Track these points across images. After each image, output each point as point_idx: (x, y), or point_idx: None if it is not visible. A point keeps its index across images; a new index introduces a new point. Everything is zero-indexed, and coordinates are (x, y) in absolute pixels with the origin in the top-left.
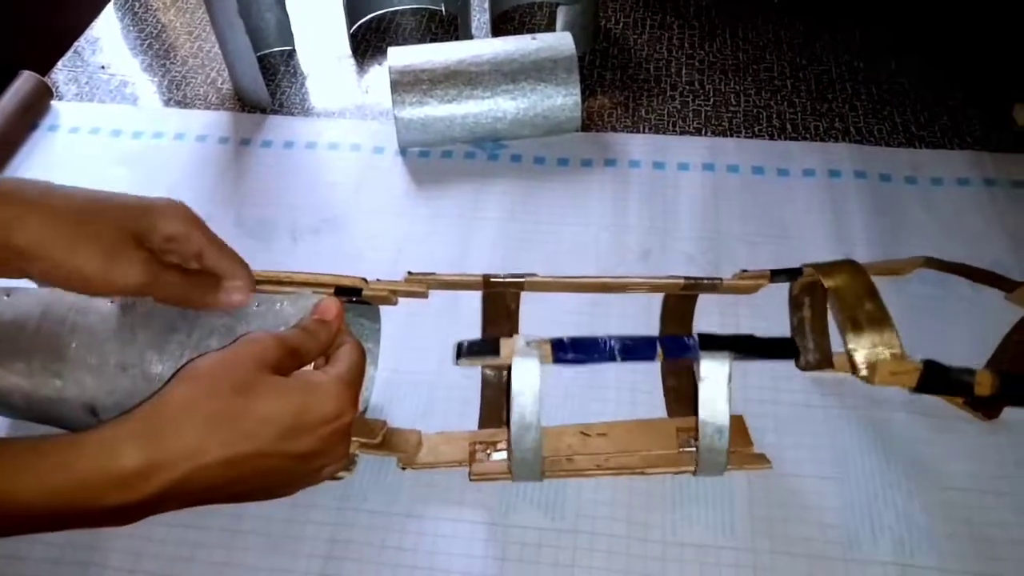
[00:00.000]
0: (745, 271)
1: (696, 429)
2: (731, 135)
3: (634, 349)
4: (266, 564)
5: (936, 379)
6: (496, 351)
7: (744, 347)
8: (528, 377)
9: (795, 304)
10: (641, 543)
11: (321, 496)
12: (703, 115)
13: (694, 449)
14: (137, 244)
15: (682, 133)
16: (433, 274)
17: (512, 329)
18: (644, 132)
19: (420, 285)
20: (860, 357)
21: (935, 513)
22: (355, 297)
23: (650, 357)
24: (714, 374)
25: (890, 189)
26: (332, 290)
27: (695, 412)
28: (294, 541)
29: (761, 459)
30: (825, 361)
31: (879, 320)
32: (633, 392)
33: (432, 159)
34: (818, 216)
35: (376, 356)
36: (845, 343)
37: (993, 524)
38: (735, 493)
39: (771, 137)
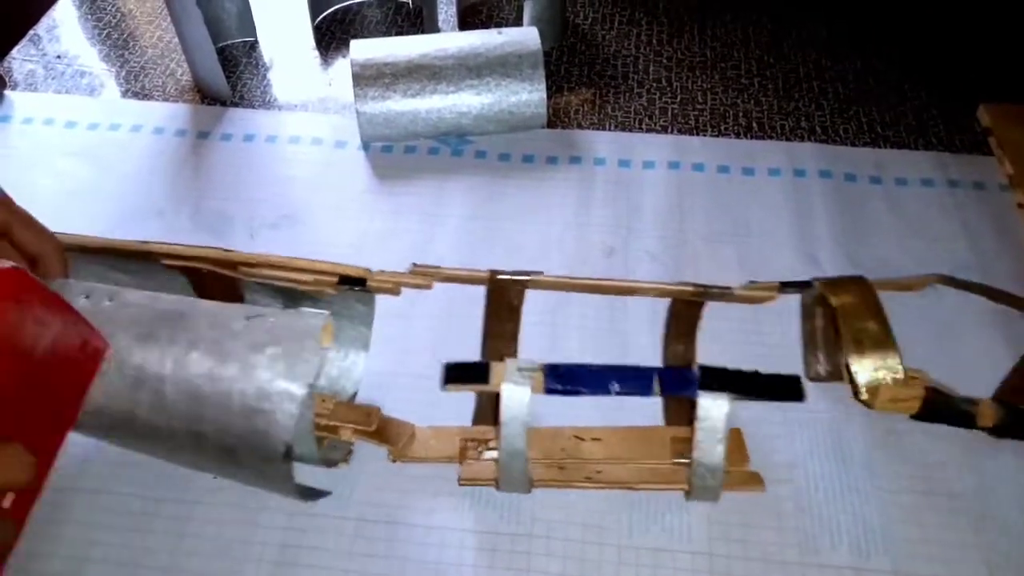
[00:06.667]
0: (754, 282)
1: (691, 441)
2: (697, 133)
3: (630, 381)
4: (212, 569)
5: (937, 408)
6: (485, 377)
7: (747, 387)
8: (517, 407)
9: (807, 313)
10: (596, 547)
11: (272, 498)
12: (670, 113)
13: (688, 462)
14: None
15: (648, 130)
16: (438, 267)
17: (514, 326)
18: (610, 129)
19: (425, 278)
20: (861, 380)
21: (890, 516)
22: (359, 287)
23: (647, 391)
24: (712, 416)
25: (855, 189)
26: (335, 279)
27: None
28: (242, 545)
29: (755, 480)
30: (836, 373)
31: (883, 342)
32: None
33: (395, 154)
34: (783, 215)
35: (367, 340)
36: (846, 364)
37: (946, 527)
38: None
39: (737, 136)
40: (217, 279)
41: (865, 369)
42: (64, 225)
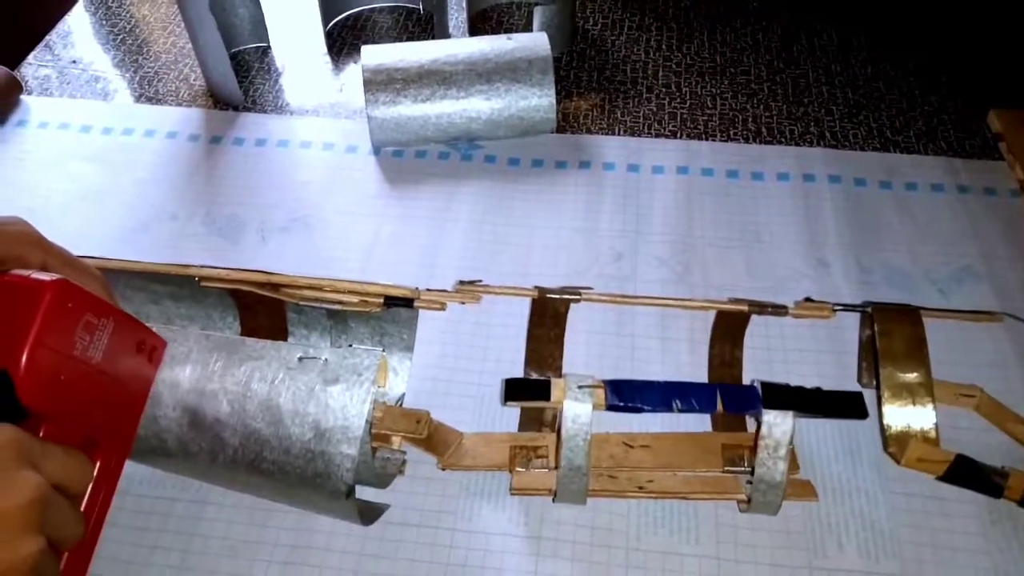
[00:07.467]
0: (809, 299)
1: (743, 447)
2: (706, 138)
3: (693, 399)
4: (222, 569)
5: (964, 475)
6: (546, 394)
7: (810, 404)
8: (580, 424)
9: (864, 322)
10: (604, 550)
11: None
12: (679, 118)
13: (741, 470)
14: None
15: (657, 135)
16: (480, 281)
17: (560, 331)
18: (619, 134)
19: (472, 296)
20: (892, 432)
21: (900, 519)
22: (408, 307)
23: (710, 409)
24: (775, 434)
25: (864, 194)
26: (381, 300)
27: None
28: (253, 546)
29: (807, 490)
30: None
31: (921, 395)
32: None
33: (405, 159)
34: (792, 220)
35: (412, 343)
36: (880, 409)
37: (955, 532)
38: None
39: (746, 140)
40: (262, 300)
41: (898, 422)
42: (79, 229)
